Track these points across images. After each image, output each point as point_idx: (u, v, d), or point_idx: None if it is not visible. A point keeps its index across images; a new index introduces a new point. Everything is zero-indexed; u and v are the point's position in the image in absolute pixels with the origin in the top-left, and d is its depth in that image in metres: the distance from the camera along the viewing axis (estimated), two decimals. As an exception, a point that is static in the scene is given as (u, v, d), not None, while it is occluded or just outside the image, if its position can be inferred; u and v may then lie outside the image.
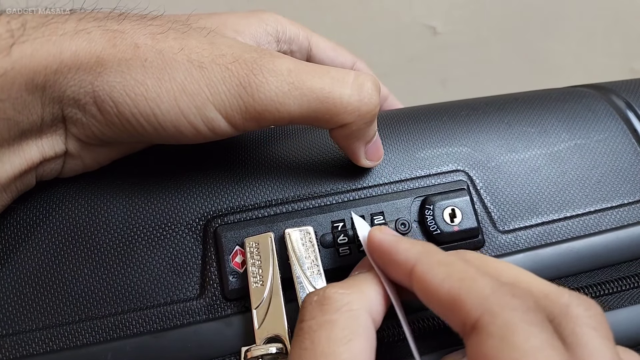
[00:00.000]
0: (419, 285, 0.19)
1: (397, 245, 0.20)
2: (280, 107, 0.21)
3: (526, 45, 0.71)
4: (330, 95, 0.21)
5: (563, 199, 0.27)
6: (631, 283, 0.24)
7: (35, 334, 0.22)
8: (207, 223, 0.24)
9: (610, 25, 0.71)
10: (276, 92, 0.20)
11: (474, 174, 0.27)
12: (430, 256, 0.19)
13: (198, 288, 0.23)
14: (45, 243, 0.23)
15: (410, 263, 0.19)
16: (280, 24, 0.28)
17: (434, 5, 0.67)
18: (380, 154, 0.26)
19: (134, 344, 0.22)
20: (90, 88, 0.20)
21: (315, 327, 0.18)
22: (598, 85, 0.33)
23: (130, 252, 0.24)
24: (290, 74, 0.21)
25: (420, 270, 0.19)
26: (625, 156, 0.28)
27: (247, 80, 0.20)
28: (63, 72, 0.19)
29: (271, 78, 0.20)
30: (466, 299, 0.17)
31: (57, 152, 0.22)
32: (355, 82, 0.22)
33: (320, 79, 0.21)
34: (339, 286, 0.19)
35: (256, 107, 0.20)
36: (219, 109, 0.20)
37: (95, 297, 0.23)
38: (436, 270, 0.18)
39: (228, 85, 0.20)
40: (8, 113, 0.19)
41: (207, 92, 0.20)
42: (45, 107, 0.20)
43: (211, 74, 0.20)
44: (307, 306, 0.19)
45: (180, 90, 0.20)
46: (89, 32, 0.20)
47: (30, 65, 0.19)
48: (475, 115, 0.29)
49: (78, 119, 0.21)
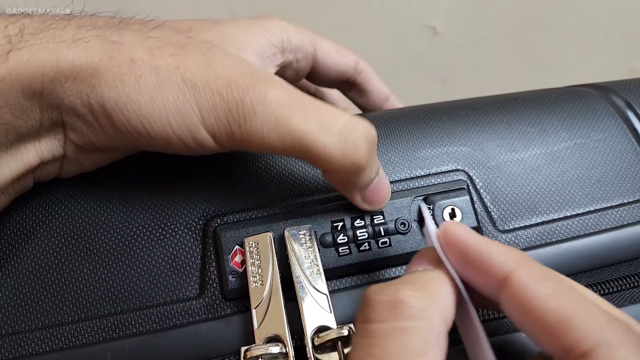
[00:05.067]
0: (515, 294, 0.17)
1: (490, 247, 0.18)
2: (264, 140, 0.20)
3: (526, 45, 0.71)
4: (312, 141, 0.20)
5: (563, 198, 0.27)
6: (631, 282, 0.24)
7: (35, 333, 0.22)
8: (207, 222, 0.24)
9: (610, 25, 0.71)
10: (262, 126, 0.20)
11: (474, 173, 0.27)
12: (532, 266, 0.18)
13: (197, 288, 0.23)
14: (44, 243, 0.23)
15: (506, 269, 0.18)
16: (286, 33, 0.27)
17: (434, 5, 0.67)
18: (382, 199, 0.24)
19: (134, 343, 0.22)
20: (87, 99, 0.20)
21: (387, 332, 0.17)
22: (598, 84, 0.33)
23: (130, 252, 0.24)
24: (279, 109, 0.20)
25: (520, 280, 0.17)
26: (625, 156, 0.28)
27: (236, 109, 0.20)
28: (60, 81, 0.19)
29: (259, 109, 0.20)
30: (580, 324, 0.16)
31: (55, 155, 0.22)
32: (343, 132, 0.21)
33: (307, 121, 0.20)
34: (412, 288, 0.18)
35: (242, 135, 0.20)
36: (207, 129, 0.21)
37: (95, 296, 0.23)
38: (542, 283, 0.17)
39: (218, 110, 0.20)
40: (5, 118, 0.19)
41: (198, 114, 0.20)
42: (43, 112, 0.20)
43: (203, 97, 0.20)
44: (376, 306, 0.17)
45: (172, 111, 0.20)
46: (87, 42, 0.20)
47: (27, 72, 0.19)
48: (475, 114, 0.29)
49: (77, 127, 0.21)
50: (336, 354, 0.21)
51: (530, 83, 0.41)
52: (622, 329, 0.16)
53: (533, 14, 0.70)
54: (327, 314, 0.22)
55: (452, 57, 0.70)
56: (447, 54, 0.70)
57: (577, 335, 0.16)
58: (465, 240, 0.19)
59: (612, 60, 0.73)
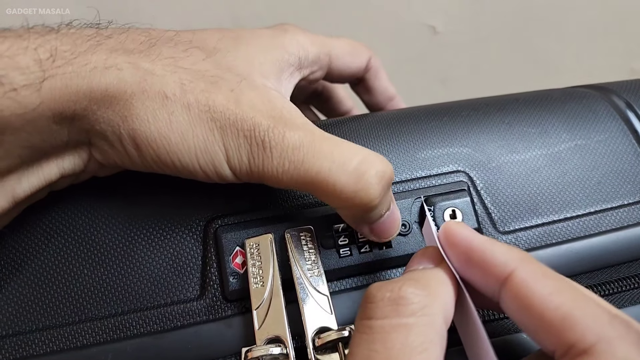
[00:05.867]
0: (516, 292, 0.17)
1: (493, 246, 0.19)
2: (279, 180, 0.21)
3: (526, 45, 0.71)
4: (324, 181, 0.21)
5: (563, 199, 0.27)
6: (631, 284, 0.24)
7: (36, 334, 0.22)
8: (208, 224, 0.24)
9: (610, 25, 0.71)
10: (277, 168, 0.21)
11: (475, 174, 0.27)
12: (534, 265, 0.18)
13: (198, 289, 0.23)
14: (46, 244, 0.23)
15: (508, 268, 0.18)
16: (303, 49, 0.27)
17: (433, 4, 0.67)
18: (391, 234, 0.24)
19: (135, 344, 0.22)
20: (117, 128, 0.20)
21: (388, 328, 0.17)
22: (598, 85, 0.33)
23: (131, 253, 0.24)
24: (294, 153, 0.21)
25: (522, 278, 0.17)
26: (625, 157, 0.28)
27: (257, 150, 0.21)
28: (92, 109, 0.20)
29: (276, 153, 0.21)
30: (582, 321, 0.16)
31: (76, 170, 0.22)
32: (357, 170, 0.21)
33: (320, 162, 0.21)
34: (414, 285, 0.18)
35: (259, 173, 0.21)
36: (230, 167, 0.22)
37: (96, 298, 0.23)
38: (543, 281, 0.17)
39: (242, 151, 0.21)
40: (34, 142, 0.19)
41: (224, 153, 0.21)
42: (71, 134, 0.20)
43: (229, 137, 0.21)
44: (378, 302, 0.18)
45: (201, 149, 0.21)
46: (120, 69, 0.20)
47: (60, 100, 0.19)
48: (475, 115, 0.29)
49: (103, 149, 0.21)
50: (337, 355, 0.21)
51: (530, 83, 0.41)
52: (623, 326, 0.16)
53: (533, 14, 0.70)
54: (328, 315, 0.22)
55: (452, 57, 0.70)
56: (447, 54, 0.70)
57: (579, 332, 0.16)
58: (467, 239, 0.19)
59: (612, 60, 0.73)
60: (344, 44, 0.31)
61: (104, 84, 0.19)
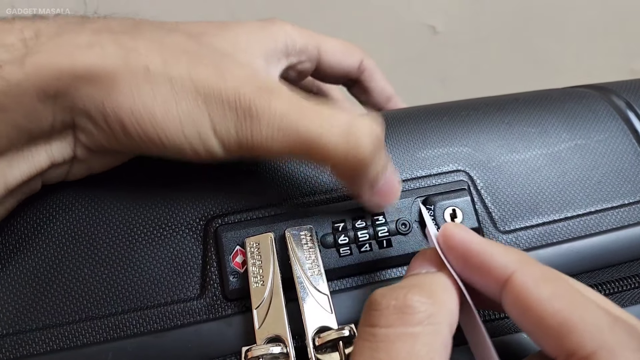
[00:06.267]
0: (516, 296, 0.17)
1: (491, 249, 0.18)
2: (269, 148, 0.21)
3: (526, 45, 0.71)
4: (315, 143, 0.21)
5: (564, 199, 0.27)
6: (632, 283, 0.24)
7: (36, 333, 0.22)
8: (208, 223, 0.24)
9: (610, 25, 0.71)
10: (266, 136, 0.21)
11: (475, 174, 0.27)
12: (533, 267, 0.18)
13: (198, 288, 0.23)
14: (46, 243, 0.23)
15: (507, 270, 0.18)
16: (290, 38, 0.27)
17: (433, 4, 0.67)
18: (391, 197, 0.24)
19: (135, 343, 0.22)
20: (101, 105, 0.20)
21: (393, 337, 0.16)
22: (598, 85, 0.33)
23: (131, 252, 0.24)
24: (282, 119, 0.21)
25: (521, 281, 0.17)
26: (625, 156, 0.28)
27: (243, 120, 0.21)
28: (75, 85, 0.20)
29: (264, 121, 0.21)
30: (581, 328, 0.16)
31: (66, 158, 0.22)
32: (346, 129, 0.21)
33: (309, 125, 0.21)
34: (419, 293, 0.17)
35: (248, 145, 0.21)
36: (218, 138, 0.21)
37: (96, 297, 0.23)
38: (542, 285, 0.17)
39: (228, 120, 0.21)
40: (18, 121, 0.19)
41: (210, 124, 0.21)
42: (56, 114, 0.20)
43: (215, 108, 0.21)
44: (383, 310, 0.17)
45: (187, 120, 0.21)
46: (103, 47, 0.20)
47: (43, 77, 0.19)
48: (475, 115, 0.29)
49: (88, 129, 0.21)
50: (337, 355, 0.21)
51: (530, 83, 0.41)
52: (624, 331, 0.16)
53: (533, 14, 0.70)
54: (328, 314, 0.22)
55: (452, 57, 0.70)
56: (447, 54, 0.70)
57: (578, 339, 0.16)
58: (466, 242, 0.19)
59: (612, 60, 0.73)
60: (336, 42, 0.31)
61: (87, 61, 0.19)
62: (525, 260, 0.18)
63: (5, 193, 0.21)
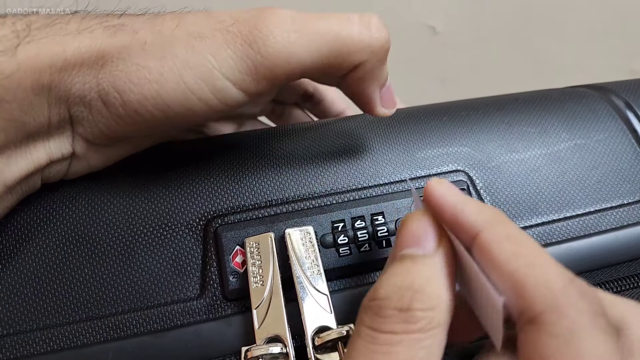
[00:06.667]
0: (481, 255, 0.17)
1: (463, 206, 0.18)
2: (291, 59, 0.20)
3: (526, 45, 0.71)
4: (339, 34, 0.20)
5: (563, 199, 0.27)
6: (631, 283, 0.24)
7: (36, 333, 0.22)
8: (208, 223, 0.24)
9: (610, 25, 0.71)
10: (283, 43, 0.19)
11: (474, 174, 0.27)
12: (500, 226, 0.18)
13: (198, 288, 0.23)
14: (46, 243, 0.23)
15: (475, 229, 0.18)
16: None
17: (433, 4, 0.67)
18: (395, 102, 0.25)
19: (135, 343, 0.22)
20: (95, 82, 0.20)
21: (395, 342, 0.17)
22: (598, 85, 0.33)
23: (131, 252, 0.24)
24: (294, 22, 0.20)
25: (485, 240, 0.17)
26: (625, 156, 0.28)
27: (251, 37, 0.19)
28: (67, 70, 0.20)
29: (276, 29, 0.19)
30: (531, 289, 0.16)
31: (64, 154, 0.22)
32: (362, 19, 0.21)
33: (325, 21, 0.21)
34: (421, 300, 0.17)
35: (266, 64, 0.20)
36: (227, 76, 0.20)
37: (96, 297, 0.23)
38: (504, 245, 0.17)
39: (232, 47, 0.19)
40: (15, 115, 0.19)
41: (212, 60, 0.19)
42: (51, 107, 0.20)
43: (213, 40, 0.20)
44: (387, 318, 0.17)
45: (184, 65, 0.19)
46: (91, 31, 0.20)
47: (36, 66, 0.19)
48: (475, 115, 0.29)
49: (85, 117, 0.21)
50: (336, 354, 0.21)
51: (530, 83, 0.41)
52: (577, 292, 0.16)
53: (533, 14, 0.70)
54: (328, 314, 0.22)
55: (452, 57, 0.70)
56: (447, 54, 0.70)
57: (528, 299, 0.16)
58: (440, 198, 0.19)
59: (611, 60, 0.73)
60: None
61: (76, 43, 0.19)
62: (497, 220, 0.18)
63: (4, 190, 0.21)
